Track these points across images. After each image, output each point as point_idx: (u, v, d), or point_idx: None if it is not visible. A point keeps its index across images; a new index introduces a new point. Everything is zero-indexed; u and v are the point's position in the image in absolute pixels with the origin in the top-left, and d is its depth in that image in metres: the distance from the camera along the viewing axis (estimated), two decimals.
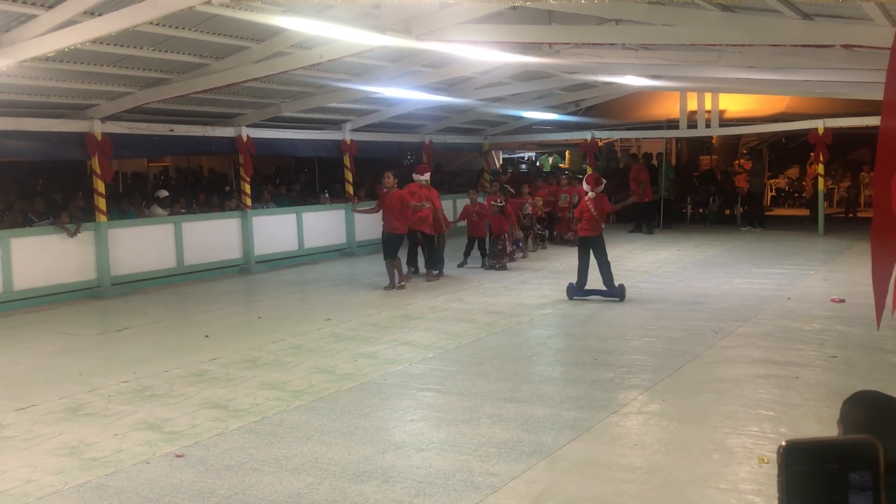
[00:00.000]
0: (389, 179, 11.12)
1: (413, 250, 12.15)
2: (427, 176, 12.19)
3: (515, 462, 4.50)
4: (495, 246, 12.77)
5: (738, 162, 21.84)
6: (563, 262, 13.12)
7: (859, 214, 18.70)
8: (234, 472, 4.50)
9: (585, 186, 9.82)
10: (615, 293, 9.48)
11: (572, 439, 4.86)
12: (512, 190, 14.67)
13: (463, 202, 14.04)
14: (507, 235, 12.91)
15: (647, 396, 5.74)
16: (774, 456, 0.86)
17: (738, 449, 4.66)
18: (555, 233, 16.14)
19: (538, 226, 15.42)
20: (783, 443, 0.85)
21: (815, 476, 0.83)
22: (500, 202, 12.90)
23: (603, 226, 9.65)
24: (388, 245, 10.95)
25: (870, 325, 7.60)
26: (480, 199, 13.20)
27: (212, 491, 4.23)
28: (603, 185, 9.82)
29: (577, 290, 9.64)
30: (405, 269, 11.60)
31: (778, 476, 0.84)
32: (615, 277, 9.59)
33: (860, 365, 6.49)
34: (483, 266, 12.77)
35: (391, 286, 10.86)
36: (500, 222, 12.81)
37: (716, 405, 5.53)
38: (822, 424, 5.03)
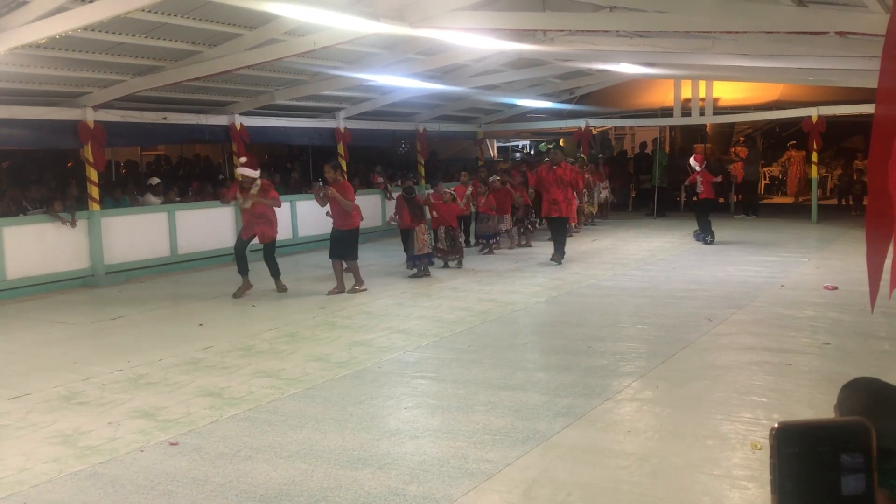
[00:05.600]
0: (330, 173, 9.53)
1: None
2: (248, 172, 9.57)
3: (510, 449, 4.52)
4: (454, 240, 11.78)
5: (733, 150, 21.83)
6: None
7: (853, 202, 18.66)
8: (228, 459, 4.50)
9: (693, 162, 13.07)
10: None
11: (566, 426, 4.88)
12: (509, 179, 13.83)
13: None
14: (458, 229, 11.95)
15: (641, 383, 5.76)
16: (767, 441, 0.86)
17: (731, 435, 4.68)
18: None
19: (532, 216, 14.60)
20: (776, 424, 0.85)
21: (807, 458, 0.83)
22: (452, 192, 12.10)
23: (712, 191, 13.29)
24: (340, 244, 9.68)
25: (862, 312, 7.64)
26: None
27: (206, 478, 4.24)
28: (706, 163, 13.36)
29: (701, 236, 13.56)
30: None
31: (770, 458, 0.84)
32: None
33: (853, 352, 6.52)
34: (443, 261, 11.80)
35: (337, 290, 9.69)
36: (450, 214, 11.71)
37: (709, 392, 5.55)
38: (816, 411, 5.05)
